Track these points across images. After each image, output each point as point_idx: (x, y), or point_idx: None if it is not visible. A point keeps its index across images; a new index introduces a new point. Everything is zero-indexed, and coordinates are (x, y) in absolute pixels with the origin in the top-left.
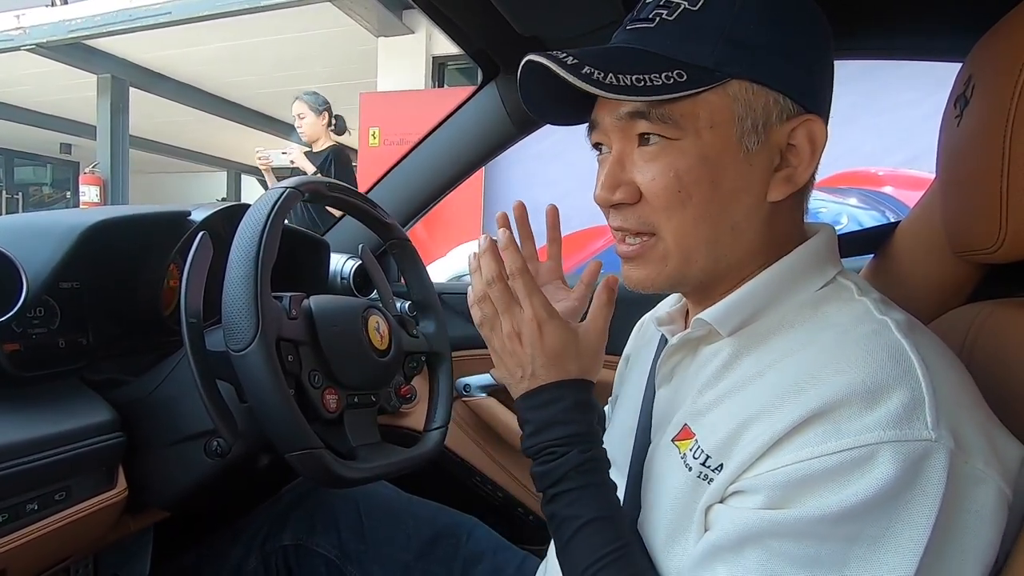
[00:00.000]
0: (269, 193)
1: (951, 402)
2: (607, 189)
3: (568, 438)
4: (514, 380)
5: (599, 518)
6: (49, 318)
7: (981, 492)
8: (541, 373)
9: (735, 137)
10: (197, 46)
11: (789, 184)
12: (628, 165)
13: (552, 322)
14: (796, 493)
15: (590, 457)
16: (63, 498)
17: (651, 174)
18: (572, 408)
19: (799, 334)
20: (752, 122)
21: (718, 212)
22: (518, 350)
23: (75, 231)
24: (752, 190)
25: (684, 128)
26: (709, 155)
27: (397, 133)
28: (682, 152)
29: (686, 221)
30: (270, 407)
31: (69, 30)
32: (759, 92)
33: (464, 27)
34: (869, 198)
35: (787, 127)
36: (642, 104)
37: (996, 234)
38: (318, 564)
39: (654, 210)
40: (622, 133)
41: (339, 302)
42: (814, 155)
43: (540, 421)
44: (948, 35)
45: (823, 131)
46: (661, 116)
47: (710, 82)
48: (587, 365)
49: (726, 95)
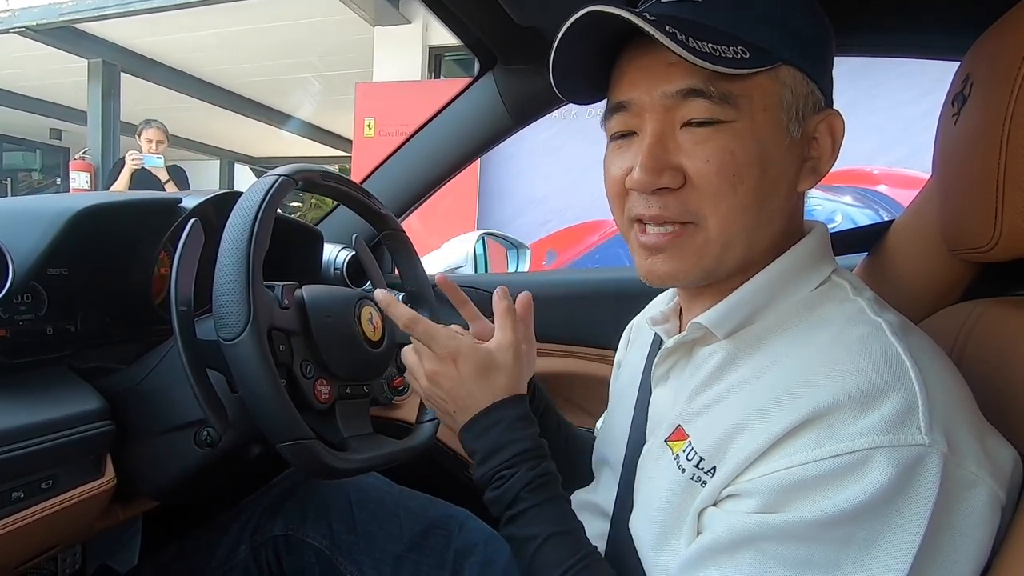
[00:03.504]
0: (262, 181)
1: (944, 406)
2: (651, 172)
3: (514, 458)
4: (450, 419)
5: (556, 533)
6: (36, 305)
7: (974, 495)
8: (470, 402)
9: (783, 123)
10: (190, 32)
11: (814, 176)
12: (672, 148)
13: (464, 351)
14: (790, 497)
15: (539, 472)
16: (50, 486)
17: (704, 156)
18: (512, 426)
19: (794, 337)
20: (797, 109)
21: (763, 199)
22: (439, 390)
23: (64, 216)
24: (789, 178)
25: (740, 109)
26: (762, 138)
27: (393, 124)
28: (737, 134)
29: (734, 207)
30: (261, 397)
31: (60, 13)
32: (802, 81)
33: (462, 16)
34: (863, 196)
35: (816, 119)
36: (701, 80)
37: (991, 233)
38: (309, 555)
39: (701, 196)
40: (665, 114)
41: (332, 292)
42: (834, 149)
43: (485, 449)
44: (946, 33)
45: (843, 126)
46: (722, 95)
47: (769, 63)
48: (512, 377)
49: (777, 79)
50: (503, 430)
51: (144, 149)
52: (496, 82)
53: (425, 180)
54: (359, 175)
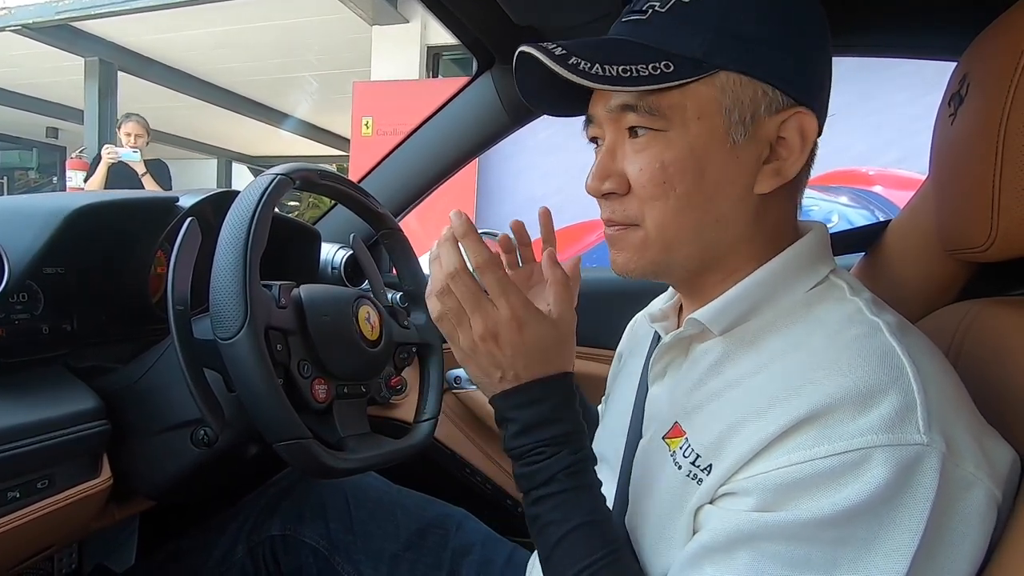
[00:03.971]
0: (259, 180)
1: (943, 405)
2: (597, 179)
3: (559, 437)
4: (492, 381)
5: (588, 522)
6: (32, 304)
7: (972, 495)
8: (524, 373)
9: (722, 128)
10: (188, 30)
11: (778, 177)
12: (619, 156)
13: (532, 319)
14: (788, 496)
15: (581, 457)
16: (46, 486)
17: (639, 165)
18: (561, 405)
19: (791, 335)
20: (740, 114)
21: (703, 203)
22: (495, 351)
23: (60, 215)
24: (738, 182)
25: (671, 119)
26: (696, 146)
27: (390, 123)
28: (669, 143)
29: (668, 211)
30: (258, 396)
31: (57, 11)
32: (747, 84)
33: (460, 16)
34: (859, 197)
35: (776, 119)
36: (631, 96)
37: (987, 233)
38: (306, 554)
39: (640, 201)
40: (614, 125)
41: (329, 292)
42: (804, 148)
43: (527, 420)
44: (943, 34)
45: (814, 124)
46: (648, 108)
47: (697, 73)
48: (569, 354)
49: (714, 86)
50: (551, 407)
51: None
52: (494, 81)
53: (423, 179)
54: (357, 174)
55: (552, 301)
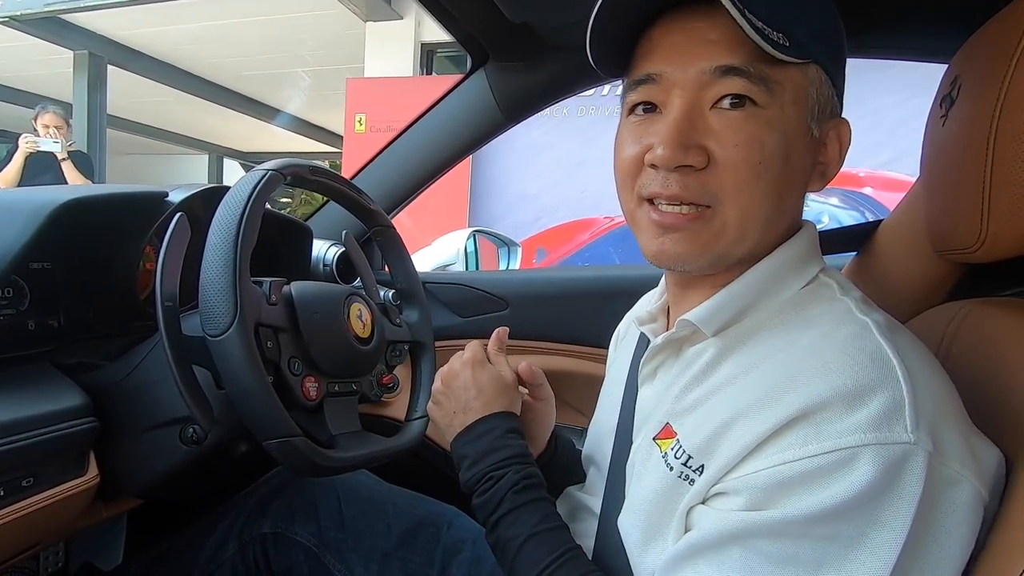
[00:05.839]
0: (249, 175)
1: (931, 404)
2: (677, 147)
3: (505, 460)
4: (448, 417)
5: (539, 532)
6: (18, 299)
7: (957, 493)
8: (474, 406)
9: (807, 120)
10: (179, 24)
11: (823, 180)
12: (700, 126)
13: (485, 365)
14: (778, 494)
15: (525, 475)
16: (31, 484)
17: (734, 140)
18: (504, 435)
19: (782, 335)
20: (820, 109)
21: (783, 192)
22: (454, 386)
23: (46, 209)
24: (805, 176)
25: (775, 96)
26: (788, 130)
27: (384, 120)
28: (768, 122)
29: (756, 196)
30: (248, 393)
31: (45, 3)
32: (826, 83)
33: (454, 12)
34: (850, 198)
35: (830, 124)
36: (742, 59)
37: (977, 234)
38: (297, 553)
39: (723, 180)
40: (698, 91)
41: (321, 288)
42: (841, 156)
43: (476, 452)
44: (935, 36)
45: (850, 135)
46: (762, 77)
47: (805, 57)
48: (510, 402)
49: (806, 76)
50: (496, 436)
51: (41, 135)
52: (488, 79)
53: (416, 176)
54: (350, 171)
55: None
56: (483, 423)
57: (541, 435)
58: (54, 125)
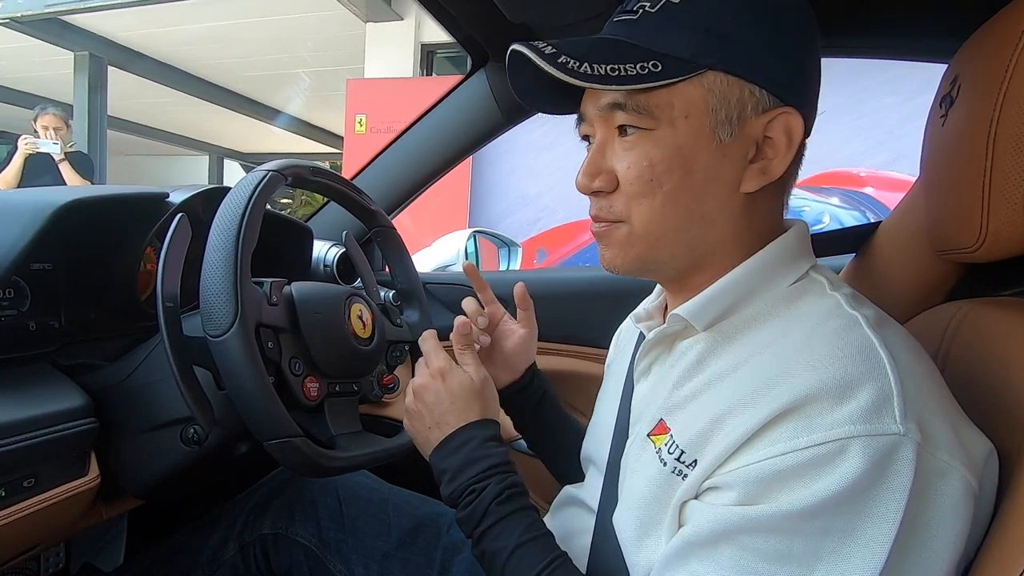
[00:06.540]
0: (250, 176)
1: (919, 396)
2: (587, 176)
3: (486, 471)
4: (424, 432)
5: (525, 542)
6: (19, 300)
7: (947, 483)
8: (448, 419)
9: (708, 128)
10: (180, 25)
11: (764, 176)
12: (609, 154)
13: (452, 371)
14: (769, 488)
15: (507, 484)
16: (32, 485)
17: (627, 163)
18: (483, 444)
19: (772, 329)
20: (726, 113)
21: (689, 201)
22: (426, 399)
23: (47, 210)
24: (725, 180)
25: (659, 118)
26: (683, 144)
27: (384, 120)
28: (657, 142)
29: (654, 208)
30: (248, 394)
31: (46, 4)
32: (734, 84)
33: (454, 13)
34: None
35: (763, 119)
36: (620, 95)
37: (977, 234)
38: (297, 553)
39: (627, 198)
40: (604, 123)
41: (321, 289)
42: (790, 148)
43: (455, 466)
44: (934, 36)
45: (800, 124)
46: (637, 107)
47: (685, 73)
48: (488, 407)
49: (701, 86)
50: (475, 447)
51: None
52: (488, 79)
53: (416, 177)
54: (350, 172)
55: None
56: (460, 434)
57: (518, 365)
58: (53, 126)
